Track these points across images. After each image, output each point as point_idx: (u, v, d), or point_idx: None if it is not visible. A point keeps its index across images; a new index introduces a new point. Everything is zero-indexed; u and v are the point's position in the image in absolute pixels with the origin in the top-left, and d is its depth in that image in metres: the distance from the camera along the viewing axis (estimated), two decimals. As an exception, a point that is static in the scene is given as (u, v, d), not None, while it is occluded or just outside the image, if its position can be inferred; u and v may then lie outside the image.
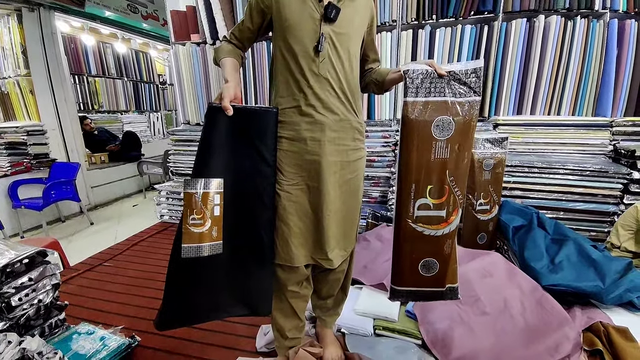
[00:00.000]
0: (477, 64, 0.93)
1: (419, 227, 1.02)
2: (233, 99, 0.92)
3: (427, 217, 1.01)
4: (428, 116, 0.94)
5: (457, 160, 0.97)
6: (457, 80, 0.93)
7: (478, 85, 0.94)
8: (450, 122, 0.94)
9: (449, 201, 1.00)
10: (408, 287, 1.11)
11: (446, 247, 1.04)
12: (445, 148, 0.95)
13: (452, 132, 0.94)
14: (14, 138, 3.03)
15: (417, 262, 1.07)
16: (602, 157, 2.15)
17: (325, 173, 0.99)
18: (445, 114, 0.93)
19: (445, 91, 0.93)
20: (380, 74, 1.10)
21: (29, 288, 1.27)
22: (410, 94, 0.94)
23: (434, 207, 1.00)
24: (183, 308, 1.00)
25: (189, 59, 2.72)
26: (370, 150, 2.35)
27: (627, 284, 1.40)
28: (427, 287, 1.10)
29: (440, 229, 1.02)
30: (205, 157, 0.91)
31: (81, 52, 4.37)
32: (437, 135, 0.95)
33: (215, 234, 0.92)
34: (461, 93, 0.94)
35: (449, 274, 1.09)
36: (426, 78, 0.93)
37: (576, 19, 2.09)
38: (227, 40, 1.10)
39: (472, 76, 0.93)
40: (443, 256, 1.06)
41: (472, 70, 0.93)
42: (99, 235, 2.93)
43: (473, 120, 0.95)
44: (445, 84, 0.93)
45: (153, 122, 5.57)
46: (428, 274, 1.08)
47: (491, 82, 2.25)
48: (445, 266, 1.07)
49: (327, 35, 0.95)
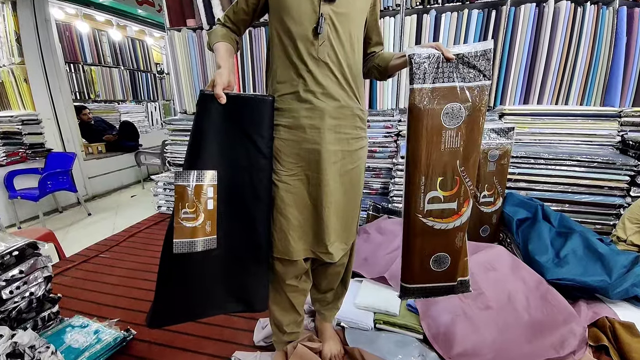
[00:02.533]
0: (487, 45, 0.87)
1: (430, 221, 0.98)
2: (226, 86, 0.87)
3: (438, 211, 0.97)
4: (437, 104, 0.88)
5: (468, 149, 0.92)
6: (466, 64, 0.87)
7: (488, 69, 0.88)
8: (461, 108, 0.89)
9: (460, 192, 0.96)
10: (419, 284, 1.08)
11: (457, 240, 1.01)
12: (456, 137, 0.90)
13: (462, 119, 0.89)
14: (9, 128, 2.97)
15: (428, 258, 1.03)
16: (610, 148, 2.10)
17: (325, 163, 0.94)
18: (455, 100, 0.88)
19: (454, 76, 0.88)
20: (384, 59, 1.04)
21: (20, 281, 1.24)
22: (417, 81, 0.88)
23: (445, 199, 0.96)
24: (176, 305, 0.96)
25: (185, 46, 2.64)
26: (371, 140, 2.29)
27: (633, 278, 1.37)
28: (438, 282, 1.07)
29: (452, 222, 0.98)
30: (198, 148, 0.86)
31: (76, 39, 4.27)
32: (446, 124, 0.90)
33: (209, 228, 0.87)
34: (470, 77, 0.88)
35: (460, 267, 1.05)
36: (433, 62, 0.87)
37: (586, 5, 2.02)
38: (221, 24, 1.04)
39: (481, 59, 0.87)
40: (454, 250, 1.02)
41: (481, 52, 0.87)
42: (96, 226, 2.90)
43: (483, 106, 0.90)
44: (454, 68, 0.87)
45: (151, 112, 5.49)
46: (439, 269, 1.05)
47: (497, 70, 2.17)
48: (457, 260, 1.03)
49: (327, 16, 0.88)
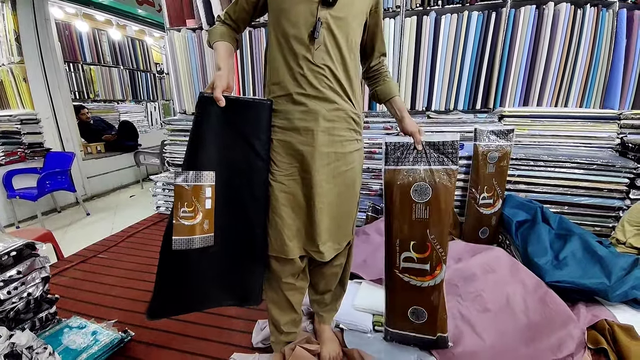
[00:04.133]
0: (454, 137, 1.01)
1: (406, 277, 1.12)
2: (226, 88, 0.88)
3: (412, 269, 1.11)
4: (407, 182, 1.05)
5: (437, 221, 1.05)
6: (436, 150, 1.03)
7: (455, 155, 1.02)
8: (427, 187, 1.04)
9: (432, 256, 1.07)
10: (400, 330, 1.21)
11: (433, 297, 1.12)
12: (425, 210, 1.05)
13: (429, 196, 1.04)
14: (8, 127, 2.97)
15: (406, 309, 1.16)
16: (609, 150, 2.10)
17: (317, 164, 0.95)
18: (423, 180, 1.04)
19: (424, 159, 1.04)
20: (384, 93, 1.12)
21: (17, 281, 1.23)
22: (390, 163, 1.06)
23: (418, 260, 1.09)
24: (174, 298, 0.99)
25: (184, 46, 2.63)
26: (371, 141, 2.29)
27: (632, 281, 1.37)
28: (417, 333, 1.20)
29: (426, 281, 1.11)
30: (197, 149, 0.88)
31: (76, 39, 4.26)
32: (416, 199, 1.05)
33: (206, 226, 0.90)
34: (439, 161, 1.03)
35: (439, 323, 1.16)
36: (405, 149, 1.04)
37: (586, 7, 2.02)
38: (221, 21, 1.04)
39: (449, 148, 1.02)
40: (431, 306, 1.13)
41: (449, 143, 1.02)
42: (95, 226, 2.89)
43: (451, 185, 1.03)
44: (424, 153, 1.03)
45: (150, 112, 5.48)
46: (418, 321, 1.17)
47: (497, 71, 2.17)
48: (434, 315, 1.14)
49: (324, 21, 0.88)
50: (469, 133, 2.04)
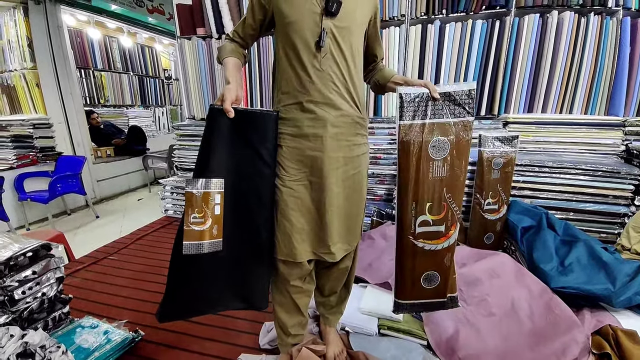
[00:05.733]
0: (470, 85, 0.97)
1: (420, 242, 1.08)
2: (234, 100, 0.92)
3: (427, 233, 1.07)
4: (424, 138, 0.99)
5: (454, 178, 1.02)
6: (452, 101, 0.98)
7: (471, 106, 0.98)
8: (446, 142, 0.99)
9: (447, 217, 1.05)
10: (411, 300, 1.18)
11: (446, 259, 1.10)
12: (442, 167, 1.00)
13: (447, 151, 0.99)
14: (20, 131, 3.05)
15: (419, 276, 1.13)
16: (614, 157, 2.10)
17: (327, 169, 0.99)
18: (441, 134, 0.98)
19: (440, 112, 0.98)
20: (384, 77, 1.11)
21: (32, 281, 1.27)
22: (405, 117, 0.98)
23: (434, 223, 1.05)
24: (184, 301, 1.03)
25: (194, 53, 2.70)
26: (376, 147, 2.32)
27: (637, 287, 1.38)
28: (429, 298, 1.17)
29: (440, 244, 1.07)
30: (207, 157, 0.92)
31: (87, 46, 4.37)
32: (433, 156, 1.00)
33: (215, 232, 0.93)
34: (455, 114, 0.98)
35: (450, 284, 1.14)
36: (421, 101, 0.98)
37: (589, 16, 2.05)
38: (230, 39, 1.11)
39: (465, 97, 0.97)
40: (444, 268, 1.11)
41: (466, 91, 0.97)
42: (104, 228, 2.95)
43: (467, 139, 1.00)
44: (440, 106, 0.98)
45: (158, 117, 5.58)
46: (430, 286, 1.14)
47: (502, 79, 2.20)
48: (446, 277, 1.12)
49: (329, 30, 0.93)
50: (474, 139, 2.06)
